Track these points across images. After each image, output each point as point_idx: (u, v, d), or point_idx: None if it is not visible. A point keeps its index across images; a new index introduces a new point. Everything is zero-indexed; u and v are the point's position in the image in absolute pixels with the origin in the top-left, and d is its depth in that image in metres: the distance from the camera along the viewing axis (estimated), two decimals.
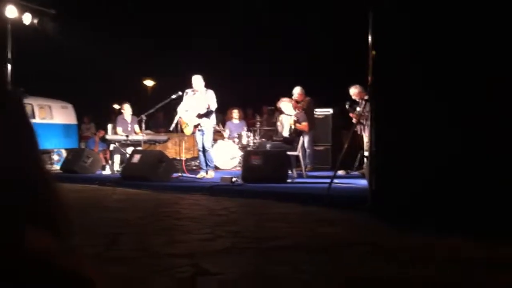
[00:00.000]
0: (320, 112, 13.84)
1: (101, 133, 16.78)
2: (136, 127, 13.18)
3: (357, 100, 10.99)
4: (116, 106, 19.76)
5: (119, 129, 13.20)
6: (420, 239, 4.57)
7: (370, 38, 5.85)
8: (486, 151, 5.08)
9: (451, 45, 5.37)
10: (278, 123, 11.29)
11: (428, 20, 5.52)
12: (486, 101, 5.14)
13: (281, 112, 11.49)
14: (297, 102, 12.28)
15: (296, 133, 10.80)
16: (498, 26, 5.13)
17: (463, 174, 5.16)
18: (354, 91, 11.03)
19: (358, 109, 10.74)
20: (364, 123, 10.17)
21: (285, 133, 10.90)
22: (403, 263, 3.64)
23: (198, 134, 10.93)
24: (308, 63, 19.56)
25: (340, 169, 9.77)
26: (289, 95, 12.13)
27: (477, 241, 4.41)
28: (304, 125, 10.89)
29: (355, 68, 8.72)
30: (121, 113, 13.55)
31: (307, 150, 12.17)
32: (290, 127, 10.77)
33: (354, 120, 10.75)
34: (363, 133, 10.62)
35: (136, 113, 13.43)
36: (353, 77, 10.98)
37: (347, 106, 11.03)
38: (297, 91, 12.57)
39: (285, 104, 11.28)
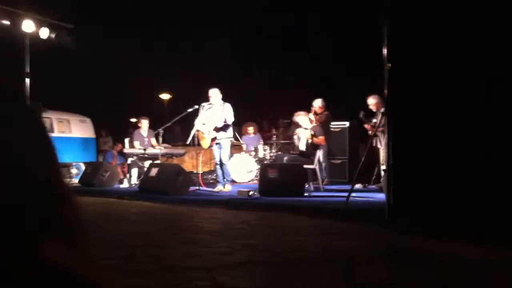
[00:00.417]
0: (336, 125, 13.79)
1: (119, 146, 16.88)
2: (153, 140, 13.23)
3: (374, 110, 10.94)
4: (133, 120, 19.84)
5: (136, 143, 13.27)
6: (439, 247, 4.55)
7: (385, 51, 5.85)
8: (502, 155, 5.06)
9: (457, 53, 5.37)
10: (295, 137, 11.27)
11: (443, 31, 5.52)
12: (497, 105, 5.12)
13: (297, 126, 11.47)
14: (316, 114, 12.24)
15: (313, 147, 10.78)
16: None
17: (482, 184, 5.14)
18: (372, 101, 10.97)
19: (374, 120, 10.71)
20: (380, 135, 10.14)
21: (302, 147, 10.87)
22: (421, 272, 3.62)
23: (215, 148, 10.93)
24: (321, 73, 19.59)
25: (357, 183, 9.74)
26: (303, 107, 12.10)
27: (489, 247, 4.38)
28: (321, 139, 10.86)
29: (372, 79, 8.69)
30: (138, 127, 13.60)
31: (323, 164, 12.11)
32: (307, 141, 10.75)
33: (369, 132, 10.72)
34: (378, 146, 10.58)
35: (152, 126, 13.50)
36: (370, 88, 10.96)
37: (361, 116, 10.98)
38: (318, 103, 12.51)
39: (301, 118, 11.26)
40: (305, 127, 11.06)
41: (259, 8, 20.82)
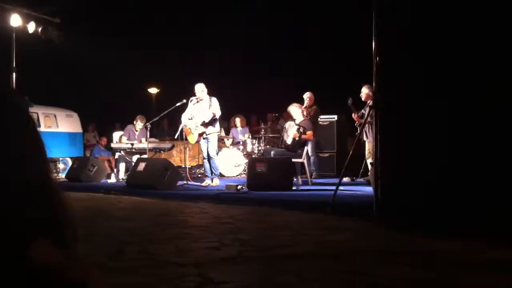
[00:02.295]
0: (324, 118, 13.82)
1: (104, 140, 16.83)
2: (143, 140, 13.18)
3: (364, 100, 10.86)
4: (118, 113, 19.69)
5: (123, 138, 13.23)
6: (426, 243, 4.57)
7: (373, 44, 5.85)
8: (490, 159, 5.08)
9: (454, 50, 5.37)
10: (284, 131, 11.25)
11: (432, 25, 5.52)
12: (488, 105, 5.13)
13: (289, 116, 11.49)
14: (305, 106, 12.25)
15: (300, 143, 10.78)
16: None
17: (468, 179, 5.15)
18: (365, 91, 10.71)
19: (362, 111, 10.69)
20: (367, 128, 10.13)
21: (289, 141, 10.86)
22: (410, 268, 3.63)
23: (203, 142, 10.92)
24: (310, 66, 19.62)
25: (345, 176, 9.75)
26: (291, 100, 12.11)
27: (483, 244, 4.41)
28: (309, 134, 10.87)
29: (361, 73, 8.67)
30: (133, 124, 13.51)
31: (311, 157, 12.14)
32: (294, 139, 10.72)
33: (356, 123, 10.73)
34: (364, 139, 10.56)
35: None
36: (359, 82, 10.92)
37: (349, 103, 10.88)
38: (307, 95, 12.56)
39: (294, 109, 11.27)
40: (295, 118, 11.07)
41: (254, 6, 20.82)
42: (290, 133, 10.86)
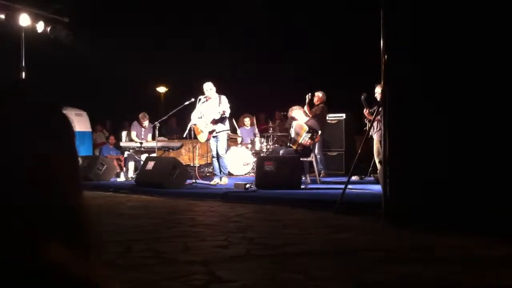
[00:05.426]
0: (333, 117, 13.80)
1: (112, 139, 16.87)
2: (149, 136, 13.22)
3: (378, 100, 10.77)
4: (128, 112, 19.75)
5: (133, 133, 13.30)
6: (433, 242, 4.56)
7: (382, 43, 5.83)
8: (494, 159, 5.07)
9: (463, 50, 5.35)
10: (292, 130, 11.24)
11: (441, 23, 5.50)
12: (497, 104, 5.12)
13: (293, 120, 11.47)
14: (310, 106, 12.24)
15: (313, 145, 10.81)
16: None
17: (477, 177, 5.14)
18: (378, 90, 10.69)
19: (374, 108, 10.63)
20: (375, 126, 10.11)
21: (303, 140, 10.82)
22: (418, 266, 3.63)
23: (212, 141, 10.93)
24: (318, 65, 19.60)
25: (354, 175, 9.74)
26: (300, 99, 12.11)
27: (490, 242, 4.40)
28: (317, 136, 10.90)
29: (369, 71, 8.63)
30: (139, 121, 13.58)
31: (318, 156, 12.12)
32: (308, 146, 10.69)
33: (366, 119, 10.67)
34: (373, 136, 10.53)
35: (149, 120, 13.50)
36: (367, 80, 10.86)
37: (362, 97, 10.77)
38: (317, 93, 12.56)
39: (296, 112, 11.27)
40: (300, 120, 11.05)
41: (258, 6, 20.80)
42: (305, 138, 10.76)
